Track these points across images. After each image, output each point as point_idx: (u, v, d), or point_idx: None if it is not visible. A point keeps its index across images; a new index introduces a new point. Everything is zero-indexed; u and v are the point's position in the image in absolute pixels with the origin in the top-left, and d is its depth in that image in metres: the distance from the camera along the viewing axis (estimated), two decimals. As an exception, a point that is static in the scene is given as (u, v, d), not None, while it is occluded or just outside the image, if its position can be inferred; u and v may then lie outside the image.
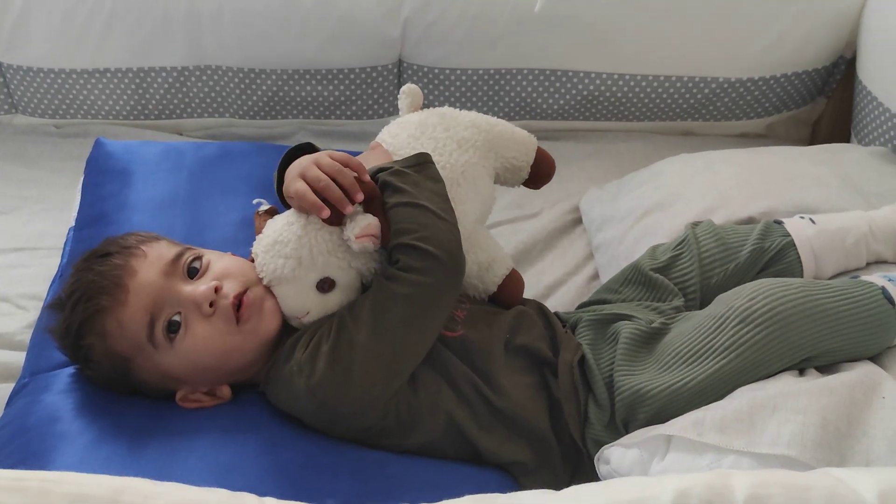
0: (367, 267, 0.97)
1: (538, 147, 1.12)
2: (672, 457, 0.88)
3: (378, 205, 0.95)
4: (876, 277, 1.02)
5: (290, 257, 0.94)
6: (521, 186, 1.15)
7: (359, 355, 0.90)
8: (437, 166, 1.01)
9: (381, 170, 0.97)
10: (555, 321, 1.06)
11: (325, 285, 0.96)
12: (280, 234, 0.96)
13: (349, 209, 0.93)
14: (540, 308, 1.09)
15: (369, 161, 1.01)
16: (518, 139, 1.11)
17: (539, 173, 1.12)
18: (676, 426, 0.89)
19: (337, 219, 0.94)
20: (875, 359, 0.99)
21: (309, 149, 1.04)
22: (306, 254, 0.94)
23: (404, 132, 1.06)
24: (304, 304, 0.96)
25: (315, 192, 0.93)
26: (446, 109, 1.10)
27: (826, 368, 0.97)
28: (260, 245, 0.98)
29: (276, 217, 1.01)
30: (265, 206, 1.06)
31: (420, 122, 1.07)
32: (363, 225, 0.92)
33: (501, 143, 1.09)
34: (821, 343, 0.94)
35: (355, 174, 0.94)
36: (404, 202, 0.94)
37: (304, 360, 0.91)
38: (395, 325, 0.91)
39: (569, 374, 0.99)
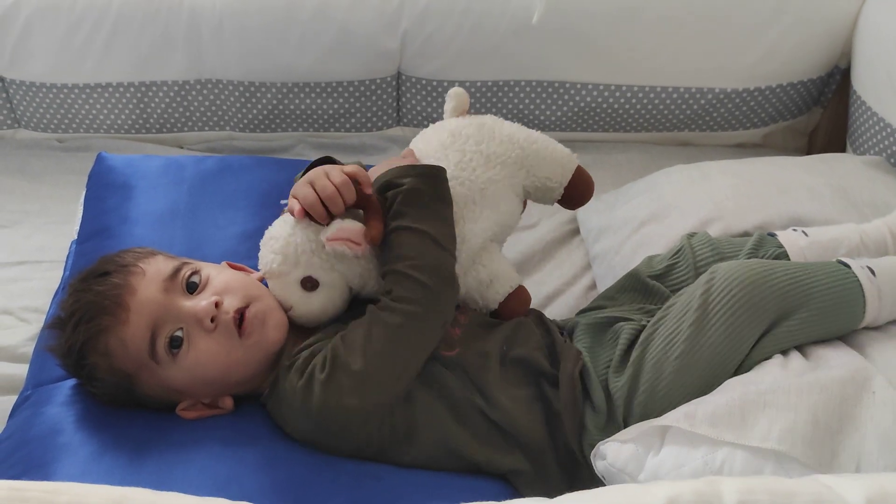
0: (352, 272, 0.99)
1: (578, 167, 1.08)
2: (667, 450, 0.90)
3: (378, 214, 0.97)
4: None
5: (279, 253, 0.98)
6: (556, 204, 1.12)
7: (354, 382, 0.91)
8: (457, 182, 1.02)
9: (389, 185, 0.98)
10: (553, 330, 1.07)
11: (309, 284, 0.99)
12: (275, 229, 1.01)
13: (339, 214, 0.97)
14: (538, 317, 1.10)
15: (391, 162, 1.03)
16: (556, 159, 1.07)
17: (573, 195, 1.08)
18: (670, 418, 0.91)
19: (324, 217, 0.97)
20: (859, 349, 1.00)
21: (328, 162, 1.06)
22: (291, 251, 0.98)
23: (436, 139, 1.06)
24: (289, 299, 1.00)
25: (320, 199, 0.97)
26: (488, 119, 1.08)
27: (812, 356, 0.98)
28: (262, 241, 1.02)
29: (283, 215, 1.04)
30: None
31: (454, 131, 1.06)
32: (336, 227, 0.95)
33: (536, 162, 1.06)
34: (785, 298, 0.96)
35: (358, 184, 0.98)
36: (404, 226, 0.96)
37: (299, 388, 0.93)
38: (388, 353, 0.93)
39: (570, 386, 1.00)
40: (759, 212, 1.25)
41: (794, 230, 1.16)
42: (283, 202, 1.07)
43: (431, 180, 0.99)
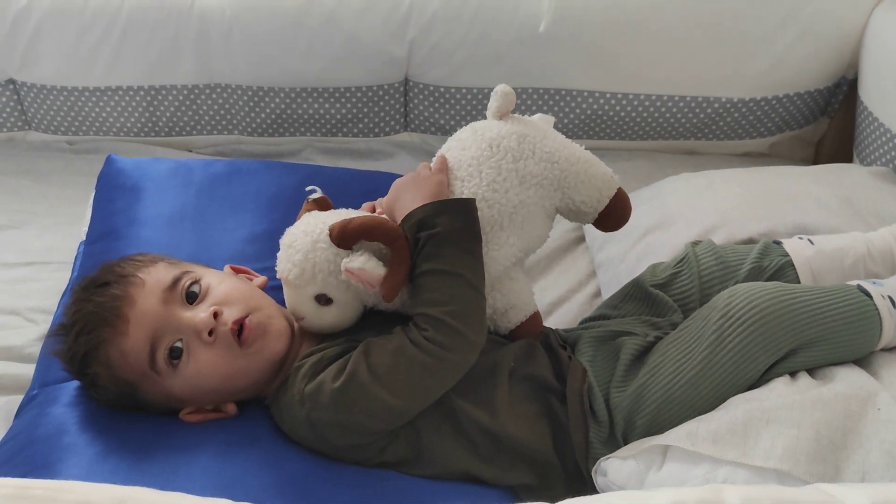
0: (367, 294, 0.98)
1: (618, 192, 1.03)
2: (668, 467, 0.90)
3: (404, 265, 0.95)
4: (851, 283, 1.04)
5: (296, 265, 0.97)
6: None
7: (367, 403, 0.91)
8: (485, 204, 0.98)
9: (422, 224, 0.95)
10: (558, 350, 1.06)
11: (322, 300, 0.98)
12: (296, 238, 0.98)
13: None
14: (545, 337, 1.09)
15: (420, 185, 0.99)
16: (595, 184, 1.02)
17: (606, 222, 1.04)
18: (671, 436, 0.90)
19: (348, 245, 0.96)
20: (868, 367, 0.99)
21: None
22: (309, 267, 0.97)
23: (473, 147, 1.01)
24: (301, 310, 0.99)
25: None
26: (534, 128, 1.03)
27: (819, 374, 0.98)
28: (283, 239, 1.00)
29: (308, 216, 1.01)
30: (317, 195, 1.06)
31: (492, 142, 1.01)
32: (358, 266, 0.93)
33: (574, 185, 1.02)
34: (802, 332, 0.95)
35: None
36: (440, 269, 0.94)
37: (307, 393, 0.92)
38: (411, 388, 0.92)
39: (578, 402, 1.00)
40: (765, 221, 1.24)
41: (800, 238, 1.15)
42: (308, 188, 1.05)
43: (465, 218, 0.96)
